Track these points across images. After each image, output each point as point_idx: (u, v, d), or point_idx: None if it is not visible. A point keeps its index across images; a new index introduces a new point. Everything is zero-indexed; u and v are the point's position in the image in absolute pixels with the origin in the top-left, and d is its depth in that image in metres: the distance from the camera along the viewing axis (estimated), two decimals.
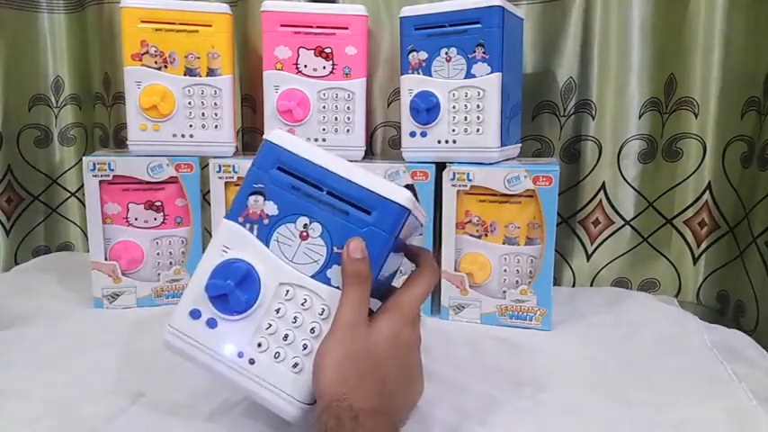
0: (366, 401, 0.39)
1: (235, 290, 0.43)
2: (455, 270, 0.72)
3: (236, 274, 0.43)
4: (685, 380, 0.56)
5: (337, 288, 0.43)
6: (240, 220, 0.45)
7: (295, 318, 0.43)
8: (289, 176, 0.44)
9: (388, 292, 0.46)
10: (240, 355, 0.44)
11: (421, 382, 0.47)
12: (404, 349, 0.43)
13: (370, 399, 0.40)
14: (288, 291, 0.44)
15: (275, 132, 0.45)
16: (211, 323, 0.44)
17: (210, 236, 0.78)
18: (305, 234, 0.44)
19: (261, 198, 0.44)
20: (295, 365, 0.43)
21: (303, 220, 0.44)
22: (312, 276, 0.43)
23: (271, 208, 0.44)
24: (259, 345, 0.44)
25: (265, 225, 0.44)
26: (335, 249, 0.43)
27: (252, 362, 0.44)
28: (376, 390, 0.41)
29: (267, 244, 0.44)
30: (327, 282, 0.43)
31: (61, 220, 1.03)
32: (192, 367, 0.47)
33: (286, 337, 0.43)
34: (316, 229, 0.43)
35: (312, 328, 0.43)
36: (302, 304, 0.43)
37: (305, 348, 0.43)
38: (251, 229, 0.45)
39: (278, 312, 0.44)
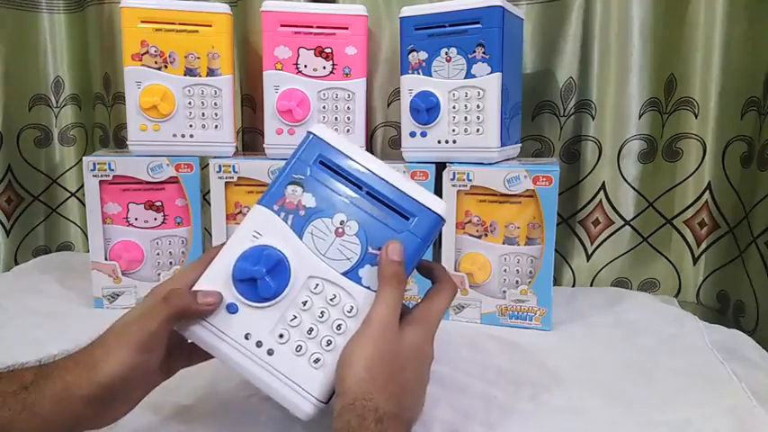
0: (390, 405, 0.39)
1: (265, 276, 0.42)
2: (455, 270, 0.72)
3: (267, 261, 0.42)
4: (685, 380, 0.56)
5: (368, 288, 0.43)
6: (275, 207, 0.44)
7: (322, 312, 0.43)
8: (331, 172, 0.44)
9: None
10: (259, 344, 0.42)
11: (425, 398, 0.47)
12: (425, 360, 0.44)
13: (393, 403, 0.39)
14: (317, 285, 0.43)
15: (319, 126, 0.45)
16: (231, 308, 0.43)
17: (211, 236, 0.78)
18: (341, 231, 0.43)
19: (299, 189, 0.44)
20: (317, 360, 0.42)
21: (340, 216, 0.43)
22: (343, 274, 0.43)
23: (308, 200, 0.44)
24: (281, 336, 0.42)
25: (301, 216, 0.44)
26: (370, 249, 0.43)
27: (270, 352, 0.42)
28: (399, 395, 0.40)
29: (300, 236, 0.44)
30: (359, 281, 0.43)
31: (61, 220, 1.03)
32: (192, 367, 0.46)
33: (311, 330, 0.42)
34: (352, 227, 0.43)
35: (338, 325, 0.42)
36: (331, 300, 0.43)
37: (329, 344, 0.42)
38: (285, 219, 0.44)
39: (305, 305, 0.43)
